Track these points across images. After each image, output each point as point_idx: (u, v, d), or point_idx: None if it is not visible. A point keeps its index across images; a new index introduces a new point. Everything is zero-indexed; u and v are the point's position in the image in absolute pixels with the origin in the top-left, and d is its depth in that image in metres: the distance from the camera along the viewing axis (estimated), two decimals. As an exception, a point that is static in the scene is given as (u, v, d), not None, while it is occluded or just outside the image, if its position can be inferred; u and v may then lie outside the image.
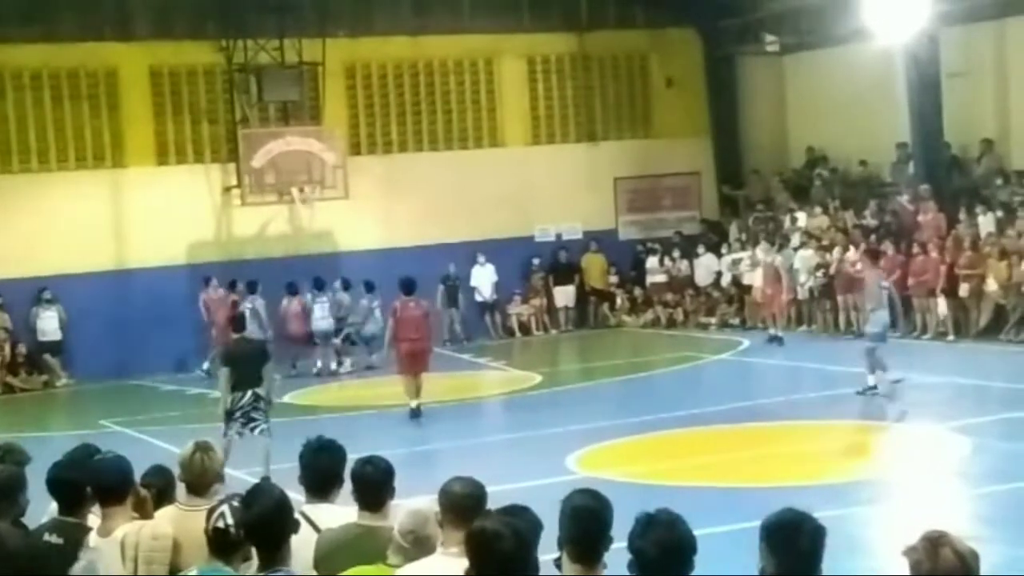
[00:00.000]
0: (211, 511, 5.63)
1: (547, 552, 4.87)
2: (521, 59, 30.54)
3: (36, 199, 26.36)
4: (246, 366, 15.19)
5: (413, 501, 5.87)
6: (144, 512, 6.57)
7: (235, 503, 5.64)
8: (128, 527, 6.31)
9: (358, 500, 6.32)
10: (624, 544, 4.81)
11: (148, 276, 26.67)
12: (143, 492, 6.69)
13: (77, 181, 26.93)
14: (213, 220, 27.98)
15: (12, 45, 26.24)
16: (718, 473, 14.51)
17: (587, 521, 4.91)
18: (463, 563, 4.90)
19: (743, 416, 18.01)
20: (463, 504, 5.46)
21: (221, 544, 5.55)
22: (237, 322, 17.07)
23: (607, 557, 5.05)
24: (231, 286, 26.04)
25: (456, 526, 5.30)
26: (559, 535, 5.03)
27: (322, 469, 6.45)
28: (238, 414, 15.03)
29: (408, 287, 19.88)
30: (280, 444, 14.95)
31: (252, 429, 15.05)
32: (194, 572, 5.63)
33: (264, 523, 5.30)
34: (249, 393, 15.05)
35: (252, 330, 22.01)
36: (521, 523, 4.53)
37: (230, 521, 5.53)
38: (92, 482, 6.61)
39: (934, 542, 4.30)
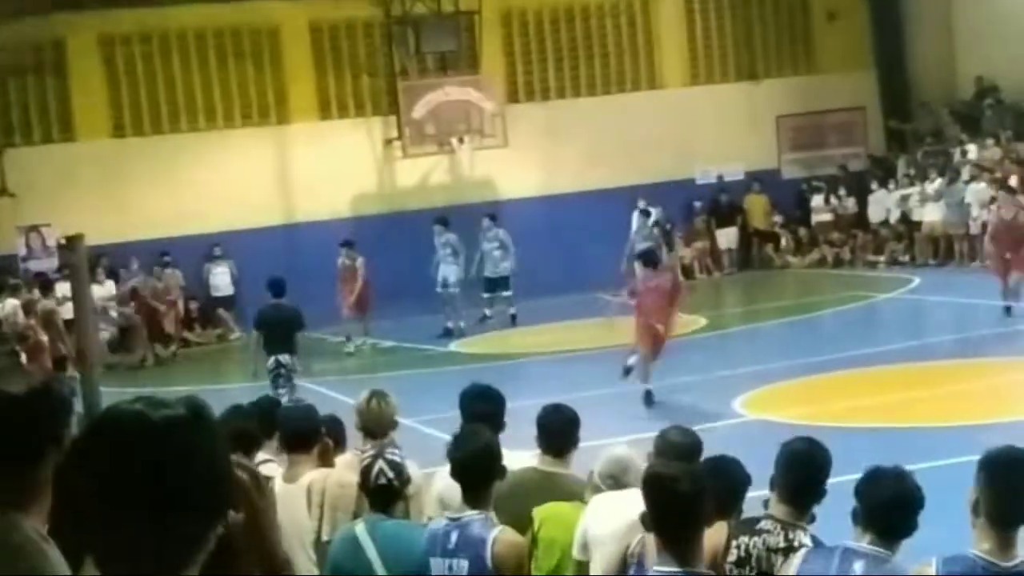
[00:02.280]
0: (367, 469, 5.70)
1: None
2: (678, -1, 30.14)
3: (204, 157, 26.97)
4: (274, 330, 15.32)
5: (615, 447, 5.91)
6: (327, 461, 6.72)
7: (388, 455, 5.72)
8: (315, 474, 6.47)
9: (541, 445, 6.38)
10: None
11: (314, 230, 27.10)
12: (328, 442, 6.85)
13: (243, 138, 27.47)
14: (375, 172, 28.31)
15: (176, 7, 26.79)
16: (890, 414, 14.21)
17: (800, 467, 5.00)
18: None
19: (915, 355, 17.62)
20: (678, 451, 5.55)
21: (385, 498, 5.64)
22: (275, 285, 16.69)
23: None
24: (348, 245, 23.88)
25: None
26: (772, 476, 5.10)
27: (480, 415, 6.50)
28: (269, 377, 15.14)
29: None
30: (443, 391, 15.10)
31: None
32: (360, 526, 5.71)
33: (470, 464, 5.47)
34: (272, 359, 15.19)
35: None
36: (696, 471, 4.56)
37: (391, 475, 5.62)
38: (281, 430, 6.78)
39: None
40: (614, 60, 29.93)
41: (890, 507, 4.64)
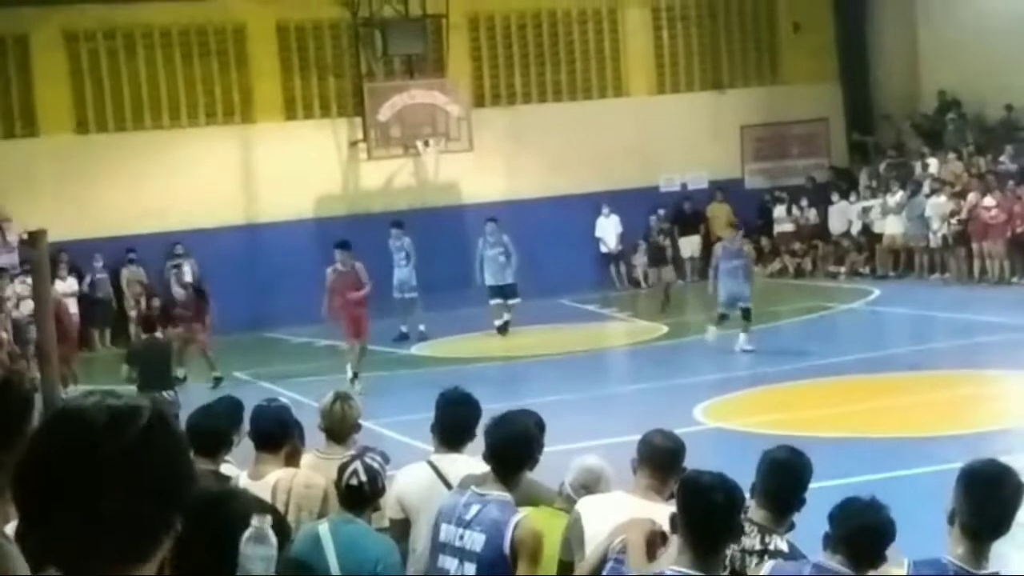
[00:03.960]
0: (343, 467, 5.75)
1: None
2: (645, 7, 30.22)
3: (168, 155, 26.84)
4: (152, 366, 14.61)
5: (585, 457, 5.96)
6: (294, 462, 6.74)
7: (368, 458, 5.75)
8: (281, 473, 6.49)
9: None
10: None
11: (277, 230, 27.04)
12: (298, 444, 6.87)
13: (207, 137, 27.37)
14: (340, 174, 28.26)
15: (143, 3, 26.67)
16: (848, 424, 14.31)
17: (782, 475, 5.10)
18: (644, 504, 5.10)
19: (874, 366, 17.73)
20: (661, 456, 5.61)
21: (354, 499, 5.68)
22: (147, 322, 16.57)
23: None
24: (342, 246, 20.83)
25: (649, 475, 5.55)
26: (752, 483, 5.17)
27: (456, 420, 6.51)
28: None
29: None
30: (403, 395, 15.09)
31: None
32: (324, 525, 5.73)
33: (508, 445, 5.61)
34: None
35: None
36: (732, 483, 4.61)
37: (363, 478, 5.66)
38: (252, 427, 6.79)
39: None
40: (580, 67, 30.00)
41: (863, 536, 4.74)
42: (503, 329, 23.30)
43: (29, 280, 14.72)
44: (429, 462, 6.53)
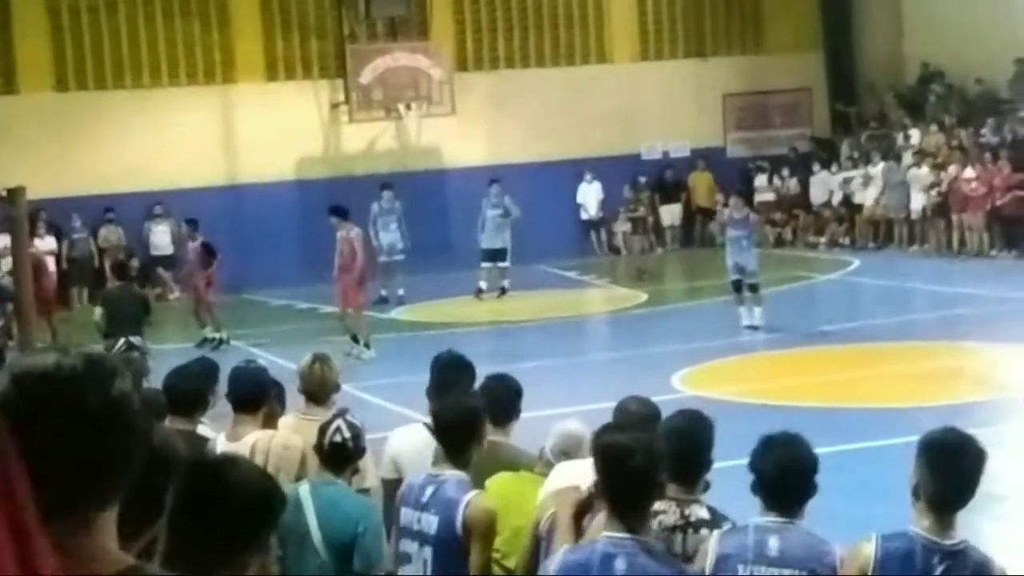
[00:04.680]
0: (325, 425, 5.75)
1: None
2: (630, -27, 30.14)
3: (148, 115, 26.70)
4: (122, 312, 15.06)
5: (566, 422, 5.93)
6: (272, 423, 6.75)
7: (348, 417, 5.75)
8: (259, 435, 6.50)
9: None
10: (736, 463, 4.81)
11: (257, 191, 26.96)
12: (276, 405, 6.88)
13: (188, 97, 27.22)
14: (321, 136, 28.16)
15: (124, -39, 26.49)
16: (826, 393, 14.36)
17: (680, 443, 4.97)
18: None
19: (852, 337, 17.80)
20: (637, 422, 5.59)
21: (337, 458, 5.68)
22: (119, 269, 17.45)
23: (717, 478, 5.06)
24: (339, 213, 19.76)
25: None
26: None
27: (451, 383, 6.53)
28: None
29: None
30: (382, 358, 15.08)
31: None
32: (305, 486, 5.73)
33: (453, 424, 5.60)
34: (122, 340, 14.77)
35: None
36: (648, 441, 4.57)
37: (347, 435, 5.66)
38: (230, 389, 6.79)
39: None
40: (564, 32, 29.91)
41: (785, 474, 4.69)
42: (501, 292, 23.29)
43: (8, 238, 14.70)
44: (425, 424, 6.55)
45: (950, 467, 4.44)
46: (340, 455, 5.69)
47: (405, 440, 6.69)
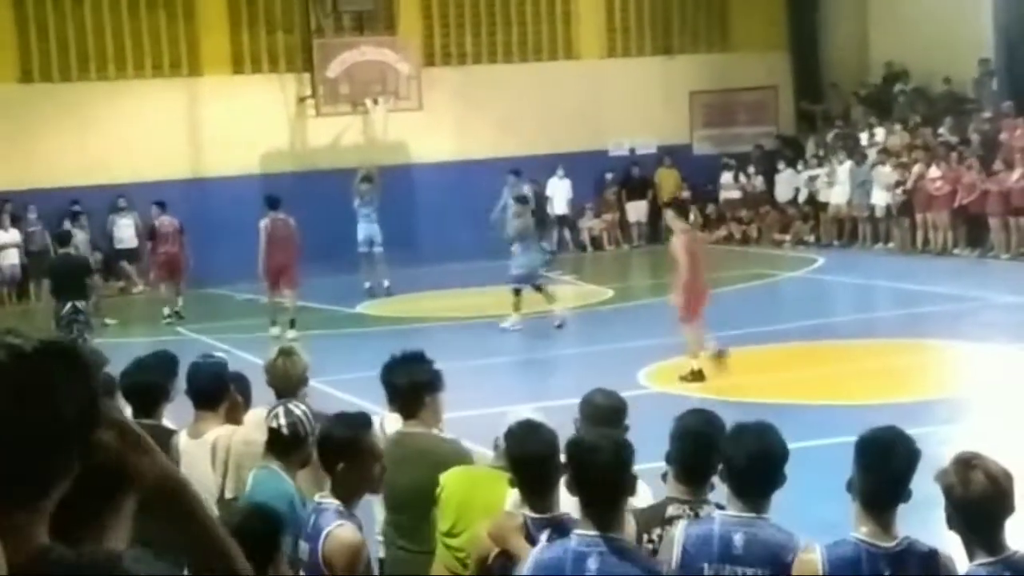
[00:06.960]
0: (268, 411, 5.77)
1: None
2: (598, -30, 30.15)
3: (113, 107, 26.55)
4: (65, 279, 16.28)
5: (519, 411, 5.86)
6: (234, 418, 6.70)
7: (291, 405, 5.76)
8: (220, 431, 6.46)
9: (396, 406, 6.39)
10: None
11: (222, 185, 26.84)
12: (238, 398, 6.84)
13: (153, 89, 27.07)
14: (287, 130, 28.06)
15: (89, -48, 26.31)
16: (788, 390, 14.41)
17: (695, 444, 4.99)
18: None
19: (816, 334, 17.89)
20: (603, 413, 5.56)
21: (275, 443, 5.70)
22: (61, 238, 18.60)
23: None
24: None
25: None
26: (668, 451, 5.10)
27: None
28: (62, 323, 15.77)
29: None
30: (349, 353, 15.02)
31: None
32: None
33: (530, 463, 4.98)
34: (69, 305, 16.02)
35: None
36: (618, 439, 4.56)
37: (283, 421, 5.67)
38: (189, 385, 6.73)
39: (966, 464, 4.27)
40: (532, 28, 29.91)
41: (755, 461, 4.68)
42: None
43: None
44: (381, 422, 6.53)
45: (881, 465, 4.44)
46: (276, 441, 5.68)
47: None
